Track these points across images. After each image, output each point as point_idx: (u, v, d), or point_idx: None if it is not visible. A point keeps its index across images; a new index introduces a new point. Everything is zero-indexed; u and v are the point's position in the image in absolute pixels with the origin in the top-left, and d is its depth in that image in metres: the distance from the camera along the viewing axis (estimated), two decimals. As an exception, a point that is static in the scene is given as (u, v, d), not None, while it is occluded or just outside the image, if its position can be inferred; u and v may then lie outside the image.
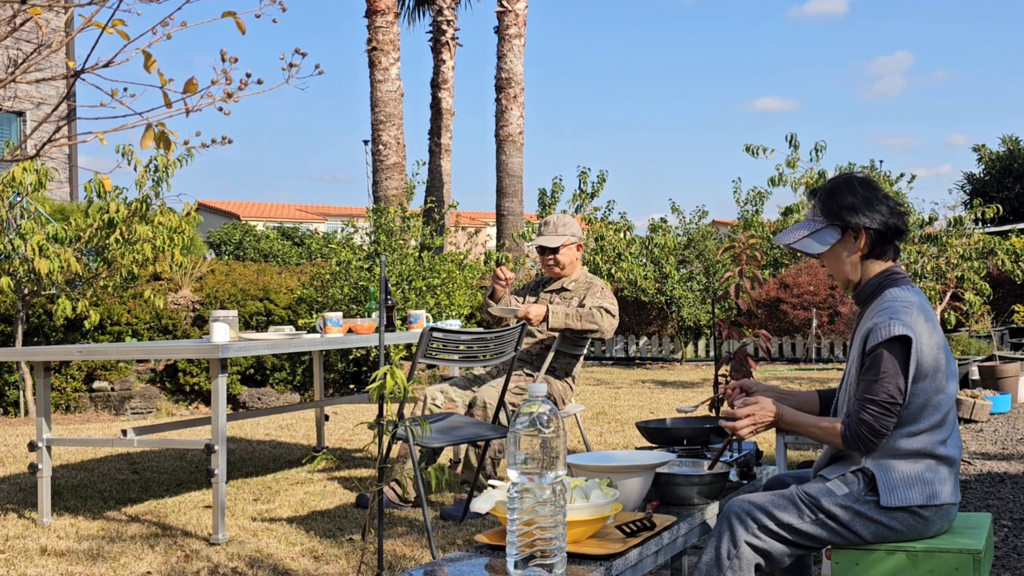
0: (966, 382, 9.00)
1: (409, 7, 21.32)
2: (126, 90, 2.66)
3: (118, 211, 8.23)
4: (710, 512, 2.76)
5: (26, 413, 8.78)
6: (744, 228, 17.78)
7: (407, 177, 16.16)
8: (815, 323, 13.90)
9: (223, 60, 2.67)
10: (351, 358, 10.43)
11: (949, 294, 10.60)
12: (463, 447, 5.81)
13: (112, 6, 2.57)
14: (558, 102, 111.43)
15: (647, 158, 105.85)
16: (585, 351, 5.19)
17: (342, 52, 56.10)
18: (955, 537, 2.58)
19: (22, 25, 2.70)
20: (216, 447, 4.17)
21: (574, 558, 2.19)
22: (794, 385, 10.84)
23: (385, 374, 2.75)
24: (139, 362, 9.76)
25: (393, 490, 4.77)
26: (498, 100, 16.06)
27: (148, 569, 3.83)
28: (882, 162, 20.24)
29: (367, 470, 5.87)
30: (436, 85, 18.22)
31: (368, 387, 2.82)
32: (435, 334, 3.95)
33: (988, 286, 10.31)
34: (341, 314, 5.50)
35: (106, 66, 2.61)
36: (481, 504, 2.26)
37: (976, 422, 7.60)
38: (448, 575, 2.14)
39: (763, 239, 11.44)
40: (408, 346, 10.13)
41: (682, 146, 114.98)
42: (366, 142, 26.86)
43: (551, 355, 5.01)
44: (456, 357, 4.10)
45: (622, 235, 15.27)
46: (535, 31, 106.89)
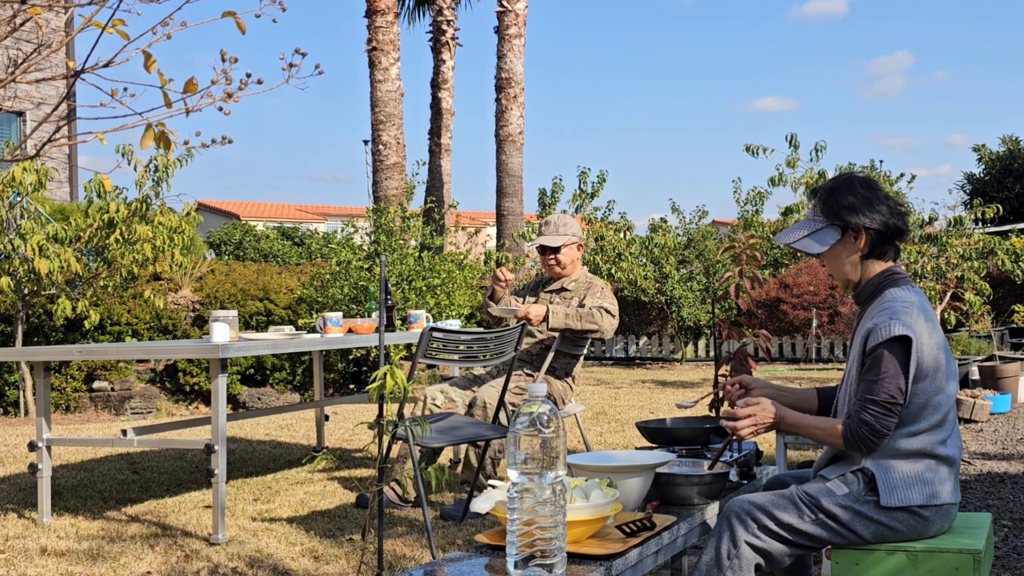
0: (966, 382, 9.00)
1: (409, 7, 21.33)
2: (126, 90, 2.66)
3: (118, 211, 8.24)
4: (710, 512, 2.76)
5: (26, 413, 8.79)
6: (744, 228, 17.79)
7: (407, 177, 16.16)
8: (815, 323, 13.90)
9: (223, 60, 2.67)
10: (351, 358, 10.44)
11: (949, 294, 10.60)
12: (463, 447, 5.81)
13: (112, 6, 2.57)
14: (558, 102, 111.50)
15: (647, 158, 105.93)
16: (585, 351, 5.19)
17: (342, 52, 56.17)
18: (955, 537, 2.58)
19: (22, 25, 2.70)
20: (216, 447, 4.17)
21: (574, 558, 2.18)
22: (794, 385, 10.84)
23: (385, 374, 2.75)
24: (139, 362, 9.76)
25: (393, 490, 4.77)
26: (498, 100, 16.06)
27: (148, 569, 3.83)
28: (882, 162, 20.28)
29: (367, 470, 5.87)
30: (436, 85, 18.23)
31: (368, 387, 2.82)
32: (435, 334, 3.95)
33: (988, 286, 10.30)
34: (341, 314, 5.50)
35: (106, 66, 2.61)
36: (481, 504, 2.26)
37: (976, 422, 7.60)
38: (448, 575, 2.14)
39: (763, 239, 11.45)
40: (408, 346, 10.14)
41: (682, 146, 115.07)
42: (366, 142, 26.89)
43: (551, 355, 5.01)
44: (456, 357, 4.10)
45: (622, 235, 15.28)
46: (535, 31, 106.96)
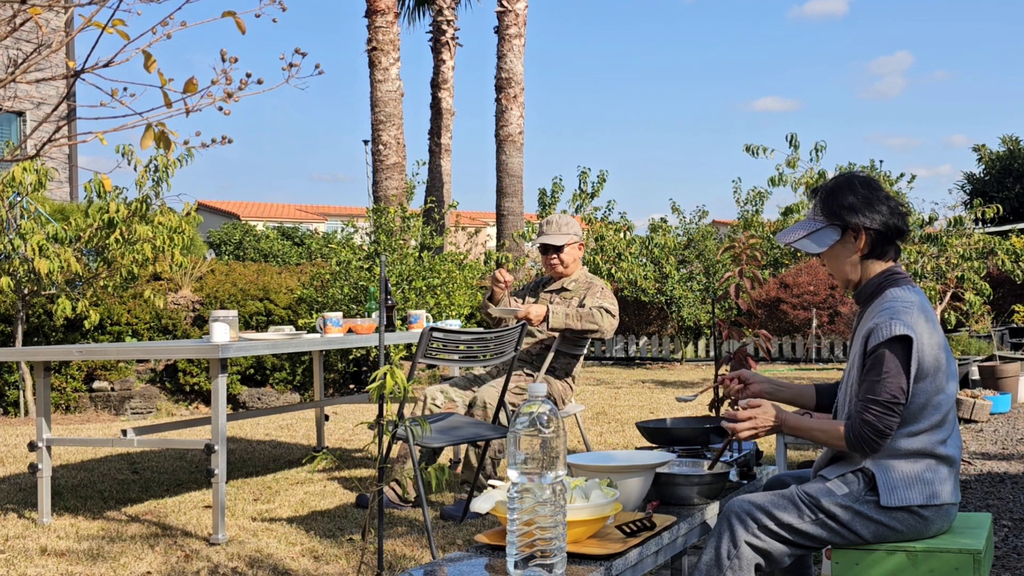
0: (966, 382, 9.00)
1: (409, 7, 21.33)
2: (126, 90, 2.66)
3: (118, 211, 8.24)
4: (710, 512, 2.76)
5: (26, 413, 8.79)
6: (744, 228, 17.79)
7: (407, 177, 16.16)
8: (815, 323, 13.90)
9: (223, 60, 2.67)
10: (351, 358, 10.43)
11: (949, 294, 10.60)
12: (463, 447, 5.81)
13: (112, 6, 2.57)
14: (558, 102, 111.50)
15: (647, 158, 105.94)
16: (585, 351, 5.19)
17: (342, 52, 56.13)
18: (955, 537, 2.58)
19: (22, 25, 2.70)
20: (216, 447, 4.17)
21: (574, 558, 2.18)
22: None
23: (385, 374, 2.75)
24: (139, 362, 9.76)
25: (393, 490, 4.76)
26: (498, 100, 16.06)
27: (148, 569, 3.83)
28: (882, 162, 20.28)
29: (367, 470, 5.87)
30: (436, 85, 18.22)
31: (368, 387, 2.82)
32: (435, 334, 3.95)
33: (988, 286, 10.31)
34: (341, 314, 5.50)
35: (106, 66, 2.61)
36: (481, 504, 2.26)
37: (976, 422, 7.60)
38: (448, 575, 2.14)
39: (763, 239, 11.45)
40: (408, 346, 10.13)
41: (682, 146, 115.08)
42: (366, 142, 26.89)
43: (551, 355, 5.01)
44: (456, 357, 4.10)
45: (622, 235, 15.28)
46: (535, 31, 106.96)
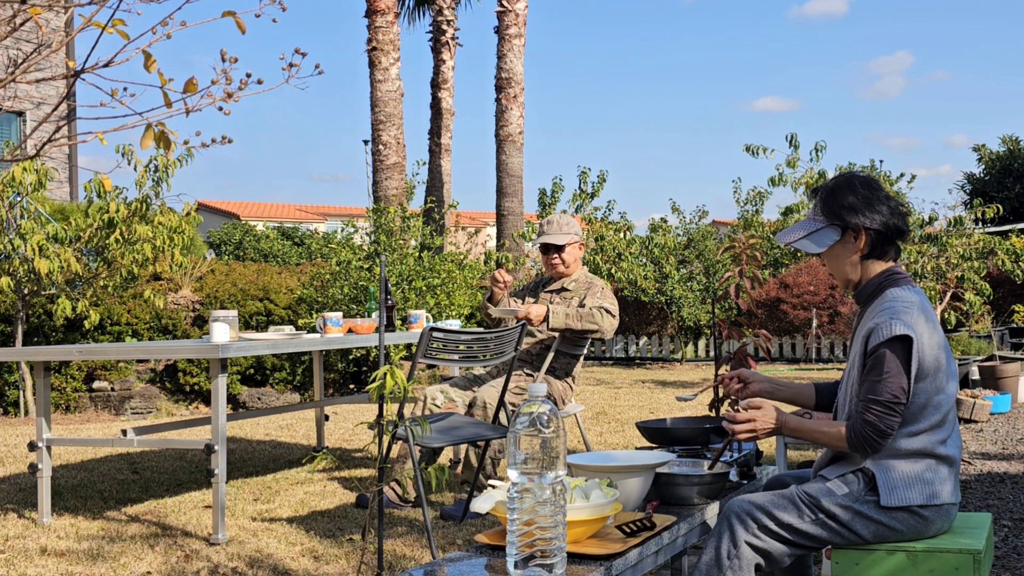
0: (966, 382, 9.00)
1: (409, 7, 21.33)
2: (126, 90, 2.66)
3: (118, 211, 8.24)
4: (710, 512, 2.76)
5: (26, 413, 8.79)
6: (744, 228, 17.79)
7: (407, 177, 16.16)
8: (815, 323, 13.90)
9: (223, 60, 2.67)
10: (351, 358, 10.44)
11: (949, 294, 10.60)
12: (463, 447, 5.81)
13: (112, 6, 2.57)
14: (558, 102, 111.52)
15: (647, 158, 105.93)
16: (585, 351, 5.19)
17: (342, 52, 56.10)
18: (955, 537, 2.58)
19: (22, 25, 2.70)
20: (216, 447, 4.17)
21: (574, 558, 2.18)
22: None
23: (385, 374, 2.75)
24: (139, 362, 9.76)
25: (393, 490, 4.76)
26: (498, 100, 16.06)
27: (148, 569, 3.83)
28: (882, 162, 20.29)
29: (367, 470, 5.87)
30: (436, 85, 18.22)
31: (368, 387, 2.82)
32: (435, 334, 3.95)
33: (988, 286, 10.30)
34: (341, 314, 5.50)
35: (106, 66, 2.61)
36: (481, 504, 2.26)
37: (976, 422, 7.60)
38: (448, 575, 2.14)
39: (763, 239, 11.44)
40: (408, 346, 10.13)
41: (682, 146, 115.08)
42: (366, 142, 26.88)
43: (551, 355, 5.01)
44: (456, 357, 4.10)
45: (622, 235, 15.28)
46: (535, 31, 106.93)
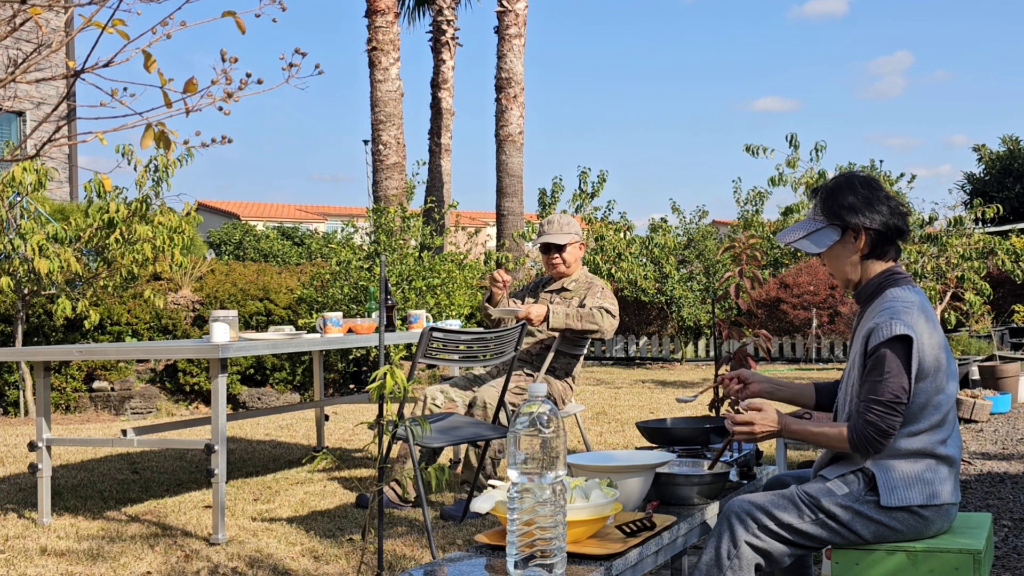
0: (966, 382, 8.99)
1: (409, 7, 21.32)
2: (126, 90, 2.66)
3: (118, 211, 8.24)
4: (710, 512, 2.76)
5: (26, 413, 8.79)
6: (744, 228, 17.79)
7: (407, 177, 16.16)
8: (815, 323, 13.90)
9: (223, 60, 2.67)
10: (351, 358, 10.43)
11: (949, 294, 10.60)
12: (463, 447, 5.81)
13: (112, 6, 2.57)
14: (558, 102, 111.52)
15: (647, 158, 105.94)
16: (585, 351, 5.19)
17: (342, 52, 56.10)
18: (955, 537, 2.58)
19: (22, 25, 2.70)
20: (216, 447, 4.17)
21: (574, 558, 2.18)
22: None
23: (385, 374, 2.75)
24: (139, 362, 9.76)
25: (393, 490, 4.76)
26: (498, 100, 16.06)
27: (148, 569, 3.83)
28: (882, 162, 20.28)
29: (367, 470, 5.87)
30: (436, 85, 18.22)
31: (368, 387, 2.82)
32: (435, 334, 3.95)
33: (988, 286, 10.30)
34: (341, 314, 5.50)
35: (106, 66, 2.61)
36: (481, 504, 2.26)
37: (976, 422, 7.60)
38: (448, 575, 2.14)
39: (763, 239, 11.44)
40: (408, 346, 10.13)
41: (682, 146, 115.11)
42: (366, 142, 26.89)
43: (551, 355, 5.01)
44: (456, 357, 4.10)
45: (622, 235, 15.28)
46: (535, 31, 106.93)
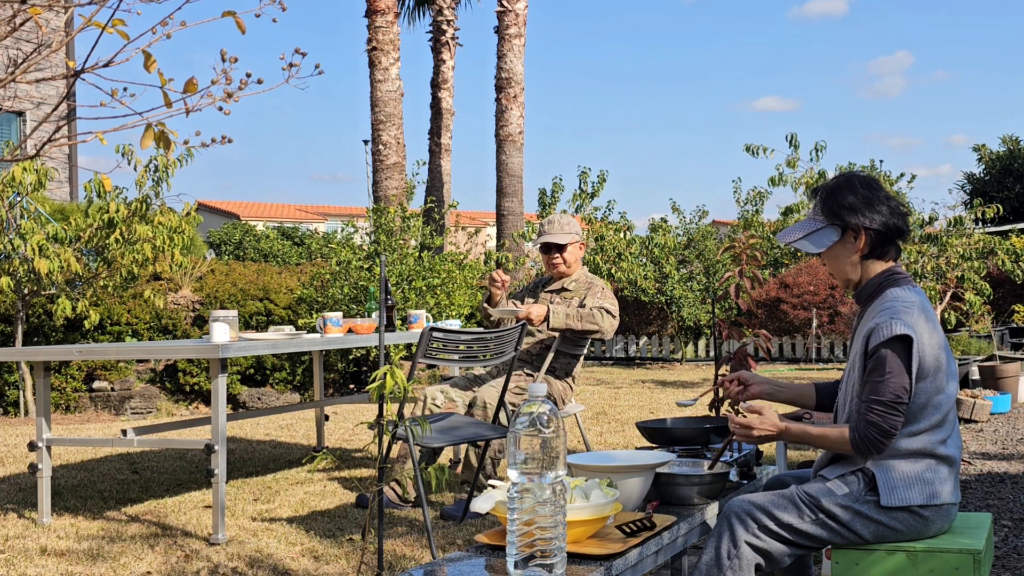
0: (966, 382, 8.99)
1: (409, 7, 21.32)
2: (126, 90, 2.66)
3: (118, 211, 8.24)
4: (710, 512, 2.76)
5: (26, 413, 8.78)
6: (744, 228, 17.78)
7: (407, 177, 16.16)
8: (815, 323, 13.90)
9: (223, 60, 2.67)
10: (351, 358, 10.43)
11: (949, 294, 10.60)
12: (463, 447, 5.81)
13: (112, 6, 2.57)
14: (558, 102, 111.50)
15: (647, 158, 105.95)
16: (585, 351, 5.19)
17: (342, 52, 56.14)
18: (955, 537, 2.58)
19: (22, 25, 2.70)
20: (216, 447, 4.17)
21: (574, 558, 2.18)
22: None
23: (385, 374, 2.75)
24: (139, 362, 9.76)
25: (393, 490, 4.76)
26: (498, 100, 16.06)
27: (148, 569, 3.83)
28: (882, 162, 20.28)
29: (367, 470, 5.87)
30: (436, 85, 18.22)
31: (368, 387, 2.82)
32: (435, 334, 3.95)
33: (988, 286, 10.30)
34: (341, 314, 5.50)
35: (106, 66, 2.61)
36: (481, 504, 2.26)
37: (976, 422, 7.60)
38: (448, 575, 2.14)
39: (763, 239, 11.44)
40: (408, 346, 10.13)
41: (682, 146, 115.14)
42: (366, 142, 26.89)
43: (551, 355, 5.01)
44: (456, 357, 4.10)
45: (622, 235, 15.28)
46: (535, 31, 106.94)
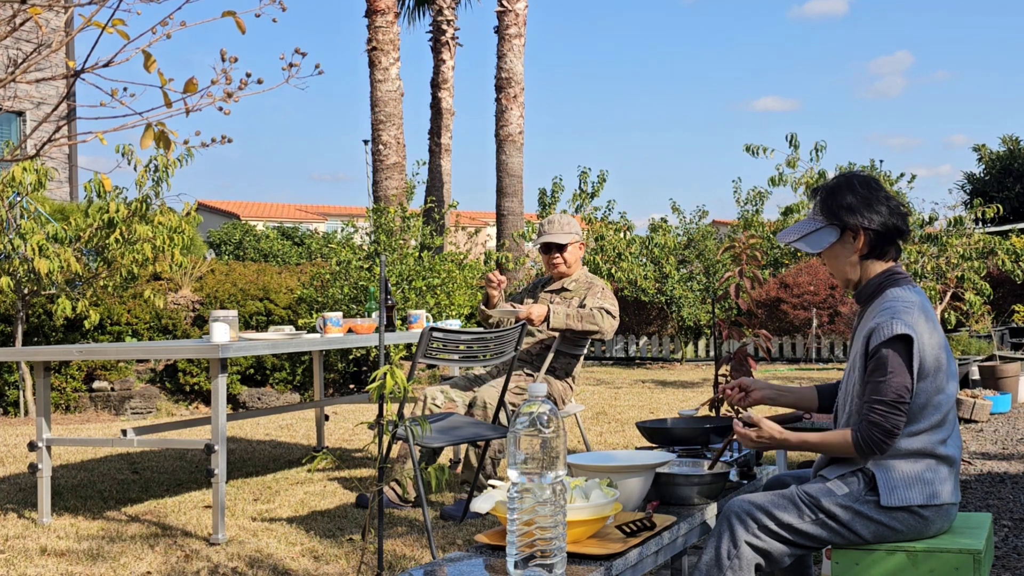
0: (966, 382, 8.99)
1: (409, 7, 21.31)
2: (126, 90, 2.66)
3: (118, 211, 8.24)
4: (710, 512, 2.76)
5: (26, 413, 8.78)
6: (744, 228, 17.78)
7: (407, 177, 16.15)
8: (815, 323, 13.90)
9: (223, 60, 2.67)
10: (351, 358, 10.43)
11: (949, 294, 10.60)
12: (463, 447, 5.81)
13: (112, 6, 2.57)
14: (558, 102, 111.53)
15: (647, 158, 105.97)
16: (585, 351, 5.19)
17: (342, 52, 56.14)
18: (955, 537, 2.58)
19: (22, 25, 2.70)
20: (216, 447, 4.17)
21: (574, 558, 2.18)
22: (794, 385, 10.83)
23: (385, 374, 2.75)
24: (139, 362, 9.76)
25: (393, 490, 4.76)
26: (498, 100, 16.05)
27: (148, 569, 3.83)
28: (882, 162, 20.25)
29: (367, 470, 5.87)
30: (436, 85, 18.22)
31: (368, 387, 2.82)
32: (435, 334, 3.95)
33: (988, 286, 10.30)
34: (341, 314, 5.50)
35: (106, 66, 2.61)
36: (481, 504, 2.26)
37: (976, 422, 7.60)
38: (448, 575, 2.14)
39: (763, 239, 11.44)
40: (408, 346, 10.13)
41: (682, 146, 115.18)
42: (366, 142, 26.89)
43: (551, 355, 5.01)
44: (456, 357, 4.10)
45: (622, 235, 15.28)
46: (535, 31, 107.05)
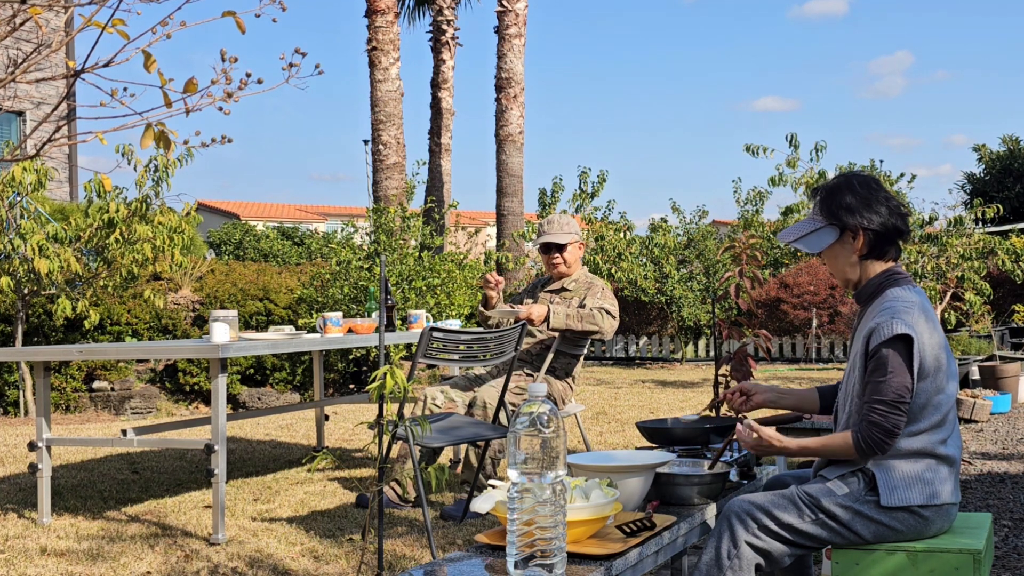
0: (966, 382, 8.99)
1: (409, 7, 21.31)
2: (126, 90, 2.66)
3: (118, 211, 8.24)
4: (710, 512, 2.76)
5: (26, 413, 8.78)
6: (744, 228, 17.79)
7: (407, 177, 16.15)
8: (815, 323, 13.90)
9: (223, 60, 2.67)
10: (351, 358, 10.43)
11: (949, 294, 10.60)
12: (463, 447, 5.81)
13: (112, 6, 2.57)
14: (558, 102, 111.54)
15: (647, 158, 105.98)
16: (585, 351, 5.19)
17: (342, 52, 56.11)
18: (955, 537, 2.58)
19: (22, 25, 2.70)
20: (216, 447, 4.17)
21: (574, 558, 2.18)
22: (794, 385, 10.83)
23: (385, 374, 2.75)
24: (139, 362, 9.76)
25: (393, 490, 4.76)
26: (498, 100, 16.05)
27: (148, 569, 3.83)
28: (882, 162, 20.26)
29: (367, 470, 5.87)
30: (436, 85, 18.21)
31: (368, 387, 2.82)
32: (435, 334, 3.95)
33: (988, 286, 10.31)
34: (341, 314, 5.50)
35: (106, 66, 2.61)
36: (481, 504, 2.26)
37: (976, 422, 7.60)
38: (448, 575, 2.14)
39: (763, 239, 11.44)
40: (408, 346, 10.14)
41: (682, 146, 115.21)
42: (366, 142, 26.90)
43: (551, 355, 5.01)
44: (456, 357, 4.10)
45: (622, 235, 15.28)
46: (535, 31, 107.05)
